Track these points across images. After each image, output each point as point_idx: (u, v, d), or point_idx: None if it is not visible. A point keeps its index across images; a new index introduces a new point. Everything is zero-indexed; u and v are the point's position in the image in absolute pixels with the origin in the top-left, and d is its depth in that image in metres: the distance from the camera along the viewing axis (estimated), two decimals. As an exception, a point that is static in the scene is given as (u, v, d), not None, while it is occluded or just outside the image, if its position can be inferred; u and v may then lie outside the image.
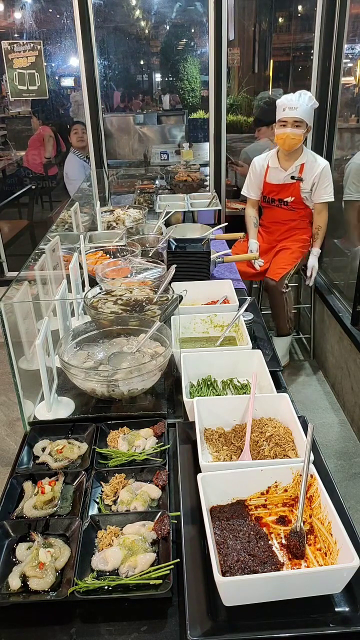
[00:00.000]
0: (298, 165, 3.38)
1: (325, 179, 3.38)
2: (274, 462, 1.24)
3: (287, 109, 3.19)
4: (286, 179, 3.43)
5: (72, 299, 2.11)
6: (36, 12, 4.34)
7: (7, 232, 4.78)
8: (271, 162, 3.46)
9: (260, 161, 3.54)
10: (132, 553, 1.09)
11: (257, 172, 3.54)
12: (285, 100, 3.21)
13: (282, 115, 3.22)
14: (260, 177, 3.54)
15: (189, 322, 1.95)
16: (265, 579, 0.97)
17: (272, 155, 3.48)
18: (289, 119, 3.20)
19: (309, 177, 3.38)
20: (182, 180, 4.04)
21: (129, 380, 1.57)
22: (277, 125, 3.28)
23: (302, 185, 3.41)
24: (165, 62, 5.82)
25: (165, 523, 1.14)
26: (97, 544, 1.14)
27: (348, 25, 3.49)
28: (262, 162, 3.52)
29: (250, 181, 3.62)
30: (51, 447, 1.44)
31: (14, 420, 3.40)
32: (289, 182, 3.43)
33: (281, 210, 3.58)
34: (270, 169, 3.47)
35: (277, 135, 3.30)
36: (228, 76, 4.13)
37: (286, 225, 3.62)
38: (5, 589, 1.06)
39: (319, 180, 3.37)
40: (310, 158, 3.40)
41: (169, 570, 1.05)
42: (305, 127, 3.25)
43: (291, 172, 3.39)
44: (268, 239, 3.68)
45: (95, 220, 3.25)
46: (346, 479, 2.93)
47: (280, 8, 5.45)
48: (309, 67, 3.87)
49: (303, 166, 3.37)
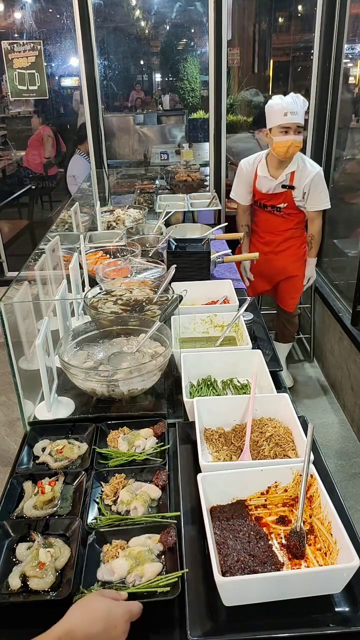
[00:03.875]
0: (288, 173, 3.12)
1: (317, 187, 3.13)
2: (274, 462, 1.24)
3: (290, 114, 2.89)
4: (277, 188, 3.19)
5: (72, 299, 2.11)
6: (36, 12, 4.34)
7: (7, 232, 4.78)
8: (260, 170, 3.19)
9: (248, 166, 3.26)
10: (138, 563, 1.07)
11: (244, 176, 3.29)
12: (285, 104, 2.90)
13: (283, 120, 2.91)
14: (249, 182, 3.28)
15: (189, 322, 1.95)
16: (265, 579, 0.97)
17: (260, 161, 3.21)
18: (292, 125, 2.91)
19: (300, 185, 3.14)
20: (182, 180, 4.04)
21: (129, 380, 1.57)
22: (276, 131, 2.96)
23: (293, 193, 3.19)
24: (165, 62, 5.81)
25: (171, 535, 1.12)
26: (102, 558, 1.11)
27: (348, 25, 3.49)
28: (250, 167, 3.25)
29: (239, 184, 3.36)
30: (51, 447, 1.44)
31: (14, 420, 3.40)
32: (280, 190, 3.19)
33: (274, 217, 3.34)
34: (259, 177, 3.22)
35: (277, 143, 2.97)
36: (228, 76, 4.12)
37: (281, 235, 3.40)
38: (5, 589, 1.06)
39: (309, 189, 3.13)
40: (301, 165, 3.13)
41: (177, 578, 1.03)
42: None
43: (281, 180, 3.14)
44: (263, 249, 3.40)
45: (95, 220, 3.25)
46: (346, 479, 2.93)
47: (280, 8, 5.44)
48: (308, 67, 3.87)
49: (294, 174, 3.12)
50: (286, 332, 3.70)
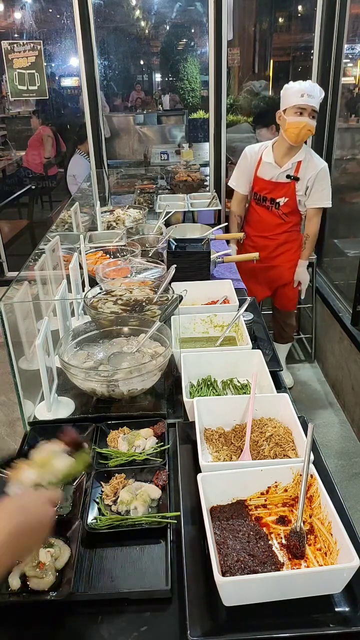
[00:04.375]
0: (295, 162, 3.01)
1: (321, 182, 3.04)
2: (274, 462, 1.24)
3: (307, 96, 2.79)
4: (280, 177, 3.06)
5: (72, 299, 2.11)
6: (36, 12, 4.34)
7: (7, 232, 4.78)
8: (265, 156, 3.07)
9: (253, 153, 3.14)
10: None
11: (247, 162, 3.16)
12: (302, 87, 2.81)
13: (300, 101, 2.80)
14: (251, 168, 3.16)
15: (189, 322, 1.95)
16: (265, 579, 0.97)
17: (266, 148, 3.10)
18: (307, 106, 2.81)
19: (304, 177, 3.03)
20: (182, 180, 4.03)
21: (129, 380, 1.57)
22: (290, 112, 2.84)
23: (297, 186, 3.06)
24: (165, 62, 5.82)
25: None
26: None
27: (348, 25, 3.49)
28: (254, 153, 3.13)
29: (240, 172, 3.23)
30: (51, 447, 1.44)
31: (14, 420, 3.39)
32: (284, 180, 3.07)
33: (271, 216, 3.19)
34: (264, 163, 3.08)
35: (290, 123, 2.85)
36: (228, 76, 4.11)
37: (275, 240, 3.25)
38: (5, 589, 1.06)
39: (313, 183, 3.03)
40: (308, 156, 3.04)
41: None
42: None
43: (286, 169, 3.03)
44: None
45: (95, 220, 3.25)
46: (346, 479, 2.93)
47: (280, 8, 5.45)
48: (309, 67, 3.87)
49: (300, 164, 3.02)
50: (284, 334, 3.69)
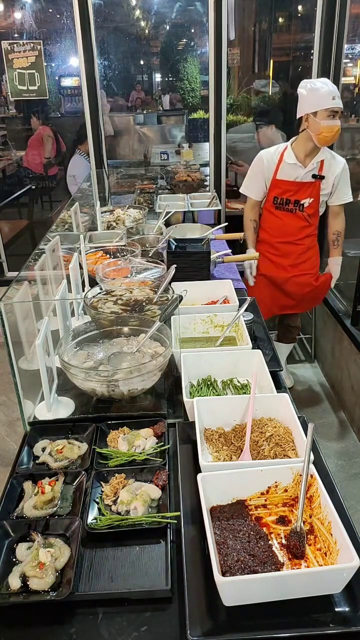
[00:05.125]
0: (318, 161, 2.95)
1: (346, 177, 3.03)
2: (274, 462, 1.24)
3: (337, 98, 2.73)
4: (306, 177, 2.97)
5: (72, 299, 2.11)
6: (36, 12, 4.34)
7: (7, 232, 4.78)
8: (287, 157, 2.97)
9: (269, 155, 3.03)
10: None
11: (264, 167, 3.04)
12: (331, 89, 2.74)
13: (332, 104, 2.72)
14: (269, 172, 3.04)
15: (189, 322, 1.95)
16: (265, 579, 0.97)
17: (286, 149, 3.00)
18: (338, 109, 2.76)
19: (330, 176, 2.99)
20: (182, 180, 4.03)
21: (129, 380, 1.57)
22: (323, 115, 2.75)
23: (322, 185, 3.01)
24: (165, 62, 5.82)
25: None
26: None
27: (348, 25, 3.49)
28: (272, 156, 3.02)
29: (254, 178, 3.12)
30: (51, 447, 1.44)
31: (14, 420, 3.40)
32: (309, 180, 2.98)
33: (295, 219, 3.07)
34: (285, 165, 2.98)
35: (325, 127, 2.76)
36: (228, 76, 4.11)
37: (301, 245, 3.14)
38: (5, 589, 1.06)
39: (339, 180, 3.00)
40: (328, 155, 3.00)
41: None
42: None
43: (311, 169, 2.95)
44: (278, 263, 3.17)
45: (95, 220, 3.25)
46: (346, 479, 2.93)
47: (280, 8, 5.45)
48: (309, 67, 3.87)
49: (323, 163, 2.96)
50: (289, 334, 3.63)
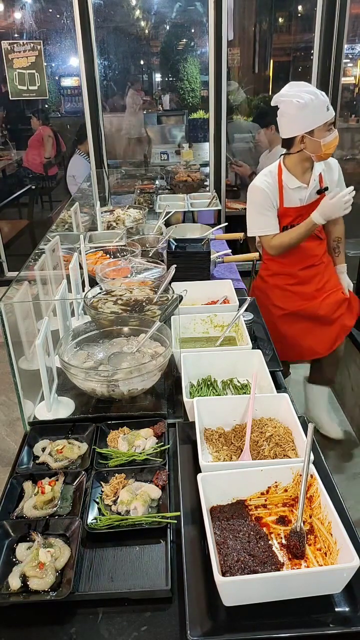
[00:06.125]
0: (317, 175, 2.58)
1: (341, 177, 2.71)
2: (274, 462, 1.24)
3: (330, 107, 2.42)
4: (311, 197, 2.57)
5: (72, 299, 2.11)
6: (36, 12, 4.35)
7: (7, 232, 4.78)
8: (288, 182, 2.54)
9: (267, 184, 2.54)
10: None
11: (268, 197, 2.54)
12: (323, 98, 2.39)
13: (328, 116, 2.40)
14: (274, 203, 2.57)
15: (189, 322, 1.95)
16: (265, 579, 0.97)
17: (282, 172, 2.56)
18: (333, 117, 2.45)
19: (331, 183, 2.63)
20: (182, 180, 4.04)
21: (129, 380, 1.57)
22: (322, 130, 2.39)
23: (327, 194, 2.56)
24: (165, 62, 5.82)
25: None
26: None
27: (348, 25, 3.50)
28: (270, 185, 2.55)
29: (264, 212, 2.57)
30: (51, 447, 1.44)
31: (14, 420, 3.39)
32: (315, 198, 2.58)
33: (310, 240, 2.62)
34: (287, 190, 2.55)
35: (327, 144, 2.42)
36: (228, 76, 4.11)
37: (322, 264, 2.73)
38: (5, 589, 1.06)
39: (338, 183, 2.67)
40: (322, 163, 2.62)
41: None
42: None
43: (313, 185, 2.57)
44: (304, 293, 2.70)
45: (95, 220, 3.25)
46: (346, 479, 2.92)
47: (280, 8, 5.45)
48: (309, 67, 3.87)
49: (321, 175, 2.60)
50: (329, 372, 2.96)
